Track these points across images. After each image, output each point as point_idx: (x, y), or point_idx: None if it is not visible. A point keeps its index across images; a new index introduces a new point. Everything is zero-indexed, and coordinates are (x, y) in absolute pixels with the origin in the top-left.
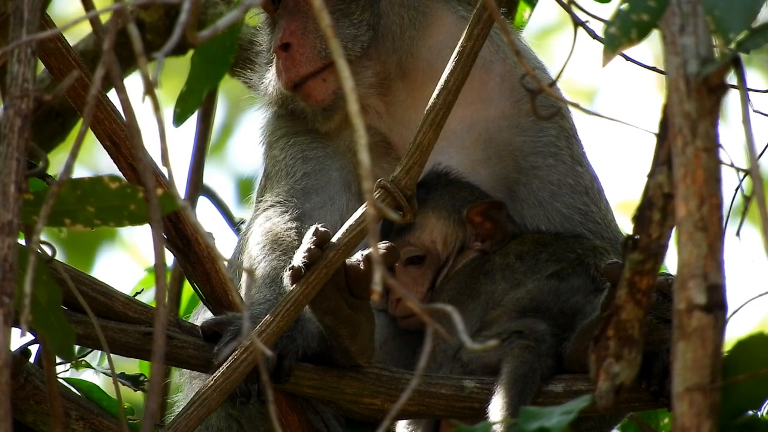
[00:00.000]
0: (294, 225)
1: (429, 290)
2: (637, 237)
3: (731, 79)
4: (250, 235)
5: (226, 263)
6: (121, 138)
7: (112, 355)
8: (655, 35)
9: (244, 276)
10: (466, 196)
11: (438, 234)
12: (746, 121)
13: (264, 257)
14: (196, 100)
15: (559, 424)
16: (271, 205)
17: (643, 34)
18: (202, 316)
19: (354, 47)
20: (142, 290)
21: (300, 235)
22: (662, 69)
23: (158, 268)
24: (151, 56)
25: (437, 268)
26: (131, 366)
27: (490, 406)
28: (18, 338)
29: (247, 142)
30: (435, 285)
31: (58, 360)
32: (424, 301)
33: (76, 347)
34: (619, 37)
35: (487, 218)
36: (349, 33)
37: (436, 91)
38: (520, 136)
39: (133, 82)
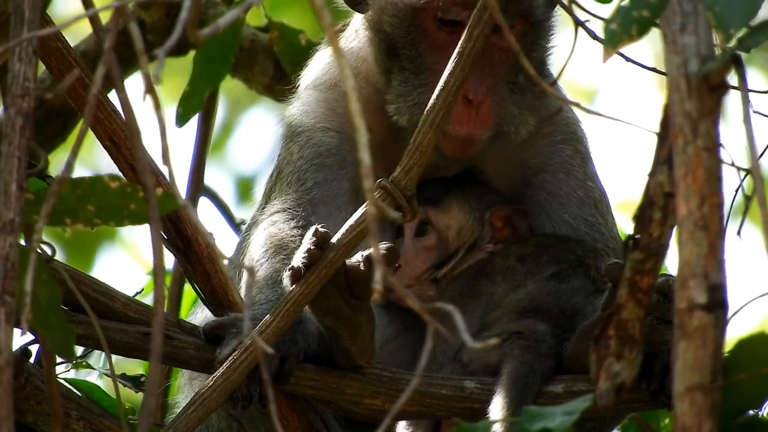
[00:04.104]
0: (299, 232)
1: (429, 270)
2: (637, 236)
3: (732, 78)
4: (254, 237)
5: (226, 263)
6: (121, 138)
7: (113, 355)
8: (655, 34)
9: (245, 276)
10: (492, 200)
11: (455, 223)
12: (747, 120)
13: (267, 260)
14: (198, 100)
15: (562, 425)
16: (277, 211)
17: (643, 30)
18: (201, 314)
19: (519, 132)
20: (142, 290)
21: None
22: (662, 69)
23: (157, 268)
24: (152, 54)
25: (443, 254)
26: (132, 366)
27: (490, 407)
28: (18, 338)
29: (247, 142)
30: (438, 270)
31: (59, 360)
32: (420, 278)
33: (79, 348)
34: (619, 33)
35: (508, 224)
36: (520, 116)
37: (436, 92)
38: (535, 157)
39: (134, 82)
